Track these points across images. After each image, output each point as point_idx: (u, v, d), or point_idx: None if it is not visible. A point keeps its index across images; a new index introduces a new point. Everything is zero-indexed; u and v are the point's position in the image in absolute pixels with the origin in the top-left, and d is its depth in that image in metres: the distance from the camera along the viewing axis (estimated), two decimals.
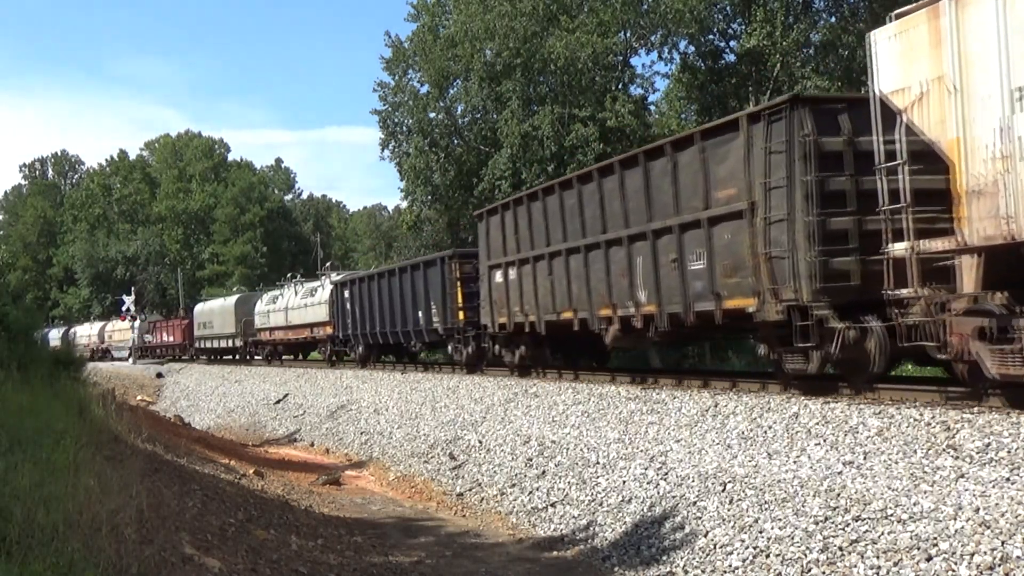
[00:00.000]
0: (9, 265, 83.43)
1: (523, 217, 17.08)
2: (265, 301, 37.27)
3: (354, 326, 27.12)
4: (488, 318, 18.56)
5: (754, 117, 11.13)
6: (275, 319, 35.35)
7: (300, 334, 32.99)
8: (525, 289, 16.86)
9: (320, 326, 30.71)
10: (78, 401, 10.87)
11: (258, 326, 37.14)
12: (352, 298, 27.32)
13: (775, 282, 10.64)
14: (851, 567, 6.91)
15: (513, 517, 11.62)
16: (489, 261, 18.45)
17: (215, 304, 44.82)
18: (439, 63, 32.98)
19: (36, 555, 4.98)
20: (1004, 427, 7.69)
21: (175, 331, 49.01)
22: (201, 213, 73.77)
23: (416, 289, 22.63)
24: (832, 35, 32.40)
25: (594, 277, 14.62)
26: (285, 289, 36.25)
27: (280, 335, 35.15)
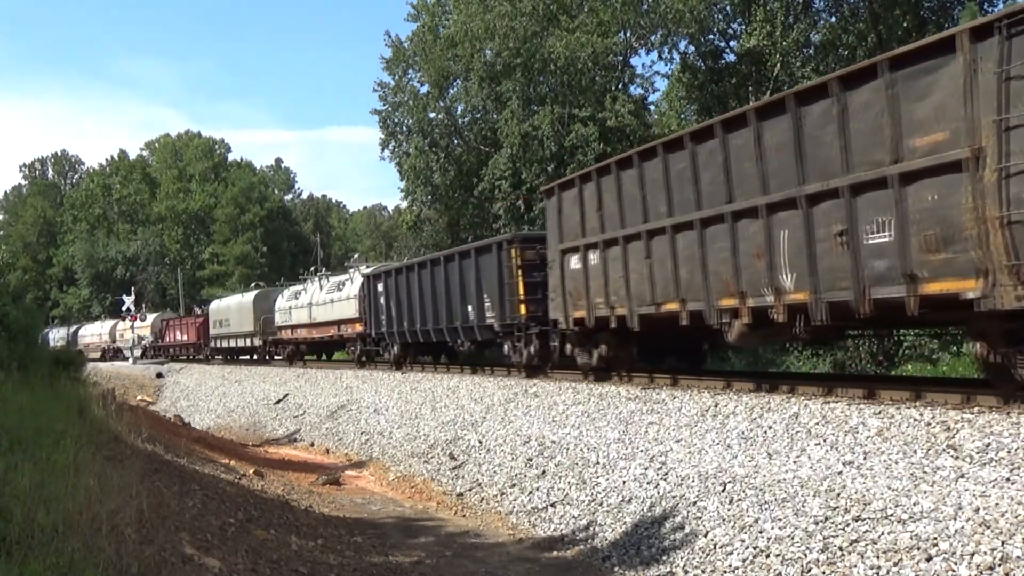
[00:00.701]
0: (9, 265, 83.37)
1: (610, 189, 14.08)
2: (287, 297, 34.33)
3: (388, 323, 24.25)
4: (560, 312, 15.76)
5: (981, 31, 8.24)
6: (298, 316, 32.44)
7: (326, 332, 30.11)
8: (612, 276, 14.04)
9: (348, 323, 27.87)
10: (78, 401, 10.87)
11: (279, 324, 34.39)
12: (387, 292, 24.44)
13: (1016, 256, 7.98)
14: (851, 567, 6.91)
15: (513, 517, 11.62)
16: (562, 244, 15.61)
17: (232, 301, 41.78)
18: (439, 63, 33.01)
19: (36, 555, 4.98)
20: (1004, 427, 7.69)
21: (189, 330, 46.38)
22: (201, 213, 73.78)
23: (465, 280, 19.79)
24: (832, 35, 32.43)
25: (713, 259, 11.76)
26: (309, 283, 33.22)
27: (303, 334, 32.27)
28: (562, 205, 15.90)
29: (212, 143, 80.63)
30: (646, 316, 13.39)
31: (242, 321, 38.24)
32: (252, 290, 40.92)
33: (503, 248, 18.08)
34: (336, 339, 29.75)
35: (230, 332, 39.81)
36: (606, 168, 14.57)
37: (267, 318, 35.40)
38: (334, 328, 29.10)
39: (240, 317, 38.56)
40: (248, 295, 39.30)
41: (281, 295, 35.21)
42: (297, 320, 32.45)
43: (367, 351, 26.97)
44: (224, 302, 42.83)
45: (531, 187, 29.60)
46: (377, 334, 25.32)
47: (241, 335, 38.46)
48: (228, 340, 40.36)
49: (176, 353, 48.62)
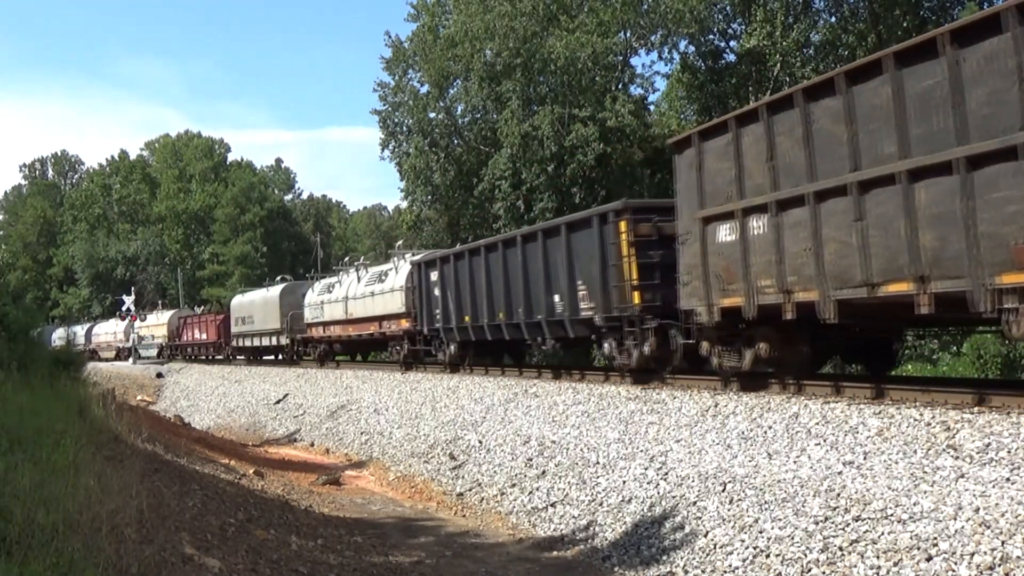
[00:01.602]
0: (9, 265, 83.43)
1: (790, 131, 10.47)
2: (318, 290, 30.75)
3: (444, 318, 20.81)
4: (698, 299, 12.14)
5: None
6: (331, 312, 28.83)
7: (364, 329, 26.38)
8: (790, 249, 10.47)
9: (393, 319, 24.35)
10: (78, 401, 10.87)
11: (308, 320, 30.85)
12: (443, 281, 20.91)
13: None
14: (851, 567, 6.91)
15: (513, 517, 11.62)
16: (704, 211, 11.98)
17: (256, 295, 37.93)
18: (439, 63, 33.02)
19: (36, 555, 4.98)
20: (1004, 427, 7.69)
21: (209, 327, 42.82)
22: (201, 213, 73.78)
23: (552, 263, 16.38)
24: (832, 35, 32.45)
25: (991, 215, 8.09)
26: (343, 275, 29.55)
27: (337, 331, 28.64)
28: (703, 160, 12.11)
29: (212, 143, 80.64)
30: (851, 302, 9.76)
31: (267, 318, 34.81)
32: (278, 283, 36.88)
33: (608, 221, 14.46)
34: (377, 338, 26.00)
35: (253, 330, 36.44)
36: (784, 102, 10.71)
37: (295, 314, 32.06)
38: (374, 325, 25.54)
39: (264, 313, 35.14)
40: (274, 289, 35.59)
41: (311, 289, 31.71)
42: (330, 316, 28.94)
43: (415, 351, 23.34)
44: (247, 297, 39.07)
45: (531, 187, 29.63)
46: (429, 331, 21.82)
47: (265, 333, 35.09)
48: (251, 339, 36.97)
49: (194, 353, 45.42)
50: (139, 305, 55.60)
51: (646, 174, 30.77)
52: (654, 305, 13.77)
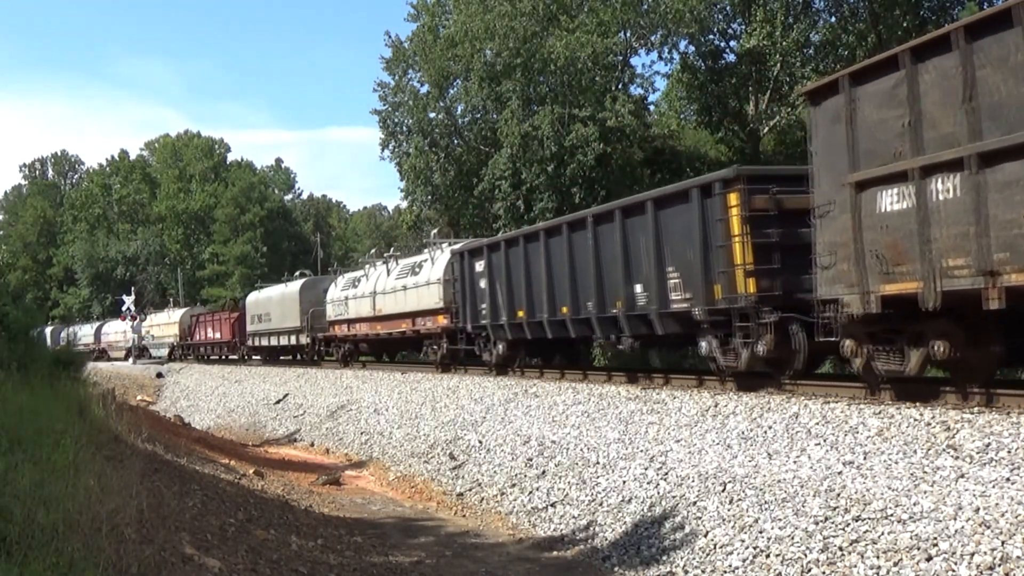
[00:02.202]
0: (9, 265, 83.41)
1: (995, 60, 8.00)
2: (341, 285, 28.53)
3: (493, 313, 18.49)
4: (846, 286, 9.80)
5: None
6: (356, 308, 26.54)
7: (395, 327, 24.07)
8: (999, 217, 7.99)
9: (428, 315, 22.07)
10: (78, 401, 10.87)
11: (331, 318, 28.55)
12: (492, 272, 18.56)
13: None
14: (851, 567, 6.91)
15: (513, 517, 11.62)
16: (856, 174, 9.61)
17: (273, 291, 35.52)
18: (439, 63, 33.03)
19: (36, 555, 4.98)
20: (1004, 427, 7.69)
21: (223, 326, 40.74)
22: (201, 213, 73.80)
23: (632, 247, 13.89)
24: (832, 35, 32.46)
25: None
26: (370, 268, 27.18)
27: (364, 329, 26.30)
28: (856, 109, 9.66)
29: (212, 143, 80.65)
30: None
31: (285, 315, 32.49)
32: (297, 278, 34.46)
33: (712, 194, 12.04)
34: (410, 336, 23.59)
35: (270, 328, 34.14)
36: (993, 21, 8.09)
37: (316, 311, 29.80)
38: (406, 322, 23.23)
39: (283, 310, 32.79)
40: (293, 284, 33.34)
41: (334, 283, 29.53)
42: (356, 313, 26.64)
43: (454, 351, 21.03)
44: (264, 293, 36.57)
45: (531, 187, 29.63)
46: (473, 329, 19.46)
47: (284, 332, 32.81)
48: (268, 338, 34.64)
49: (206, 353, 43.36)
50: (139, 305, 55.50)
51: (646, 174, 30.79)
52: (772, 295, 11.42)
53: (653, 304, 13.45)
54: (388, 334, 24.72)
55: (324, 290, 30.08)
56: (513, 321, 17.77)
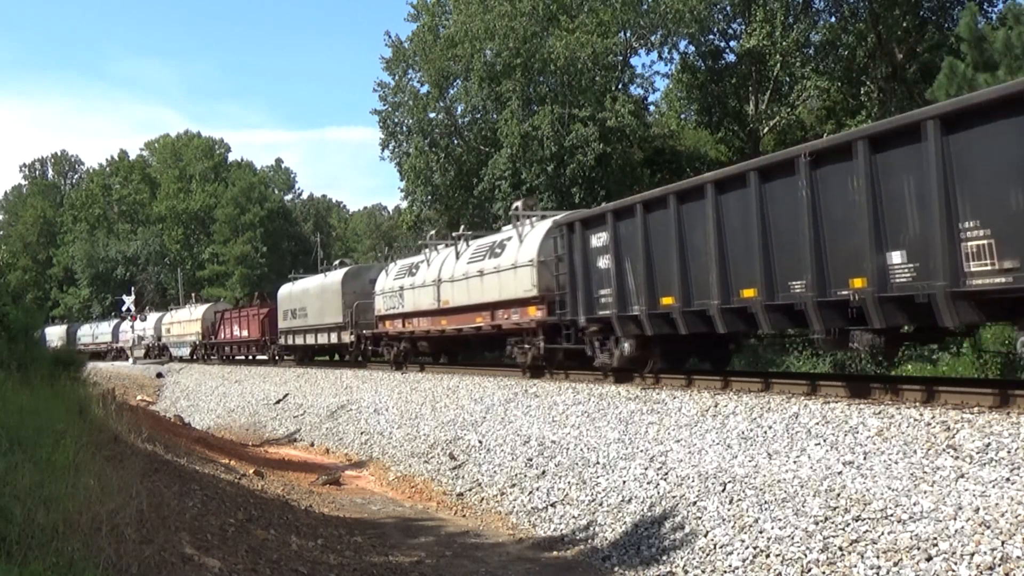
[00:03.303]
0: (9, 265, 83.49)
1: None
2: (394, 273, 24.46)
3: (620, 300, 14.02)
4: None
5: None
6: (414, 300, 22.62)
7: (467, 322, 19.89)
8: None
9: (515, 306, 17.80)
10: (78, 401, 10.87)
11: (381, 312, 24.67)
12: (620, 245, 14.07)
13: None
14: (851, 567, 6.91)
15: (513, 517, 11.62)
16: None
17: (310, 283, 31.42)
18: (439, 63, 33.07)
19: (36, 555, 4.98)
20: (1004, 427, 7.69)
21: (250, 323, 37.10)
22: (201, 213, 73.86)
23: (886, 194, 9.30)
24: (832, 35, 32.49)
25: None
26: (430, 252, 23.05)
27: (424, 325, 22.18)
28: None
29: (212, 143, 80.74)
30: None
31: (324, 310, 28.62)
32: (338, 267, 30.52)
33: None
34: (489, 333, 19.28)
35: (306, 325, 30.44)
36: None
37: (361, 305, 26.10)
38: (483, 315, 19.10)
39: (321, 304, 28.89)
40: (334, 274, 29.18)
41: (384, 271, 25.55)
42: (413, 305, 22.70)
43: (552, 351, 16.87)
44: (299, 285, 32.50)
45: (531, 187, 29.64)
46: (589, 321, 15.03)
47: (322, 329, 29.01)
48: (303, 336, 30.89)
49: (232, 353, 39.99)
50: (139, 305, 55.44)
51: (646, 174, 30.83)
52: None
53: (930, 279, 8.83)
54: (457, 331, 20.48)
55: (371, 280, 26.22)
56: (654, 311, 13.21)
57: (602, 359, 14.95)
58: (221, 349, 40.99)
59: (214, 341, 41.48)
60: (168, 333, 47.86)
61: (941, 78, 17.73)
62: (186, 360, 44.44)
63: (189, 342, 44.67)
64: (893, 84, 30.26)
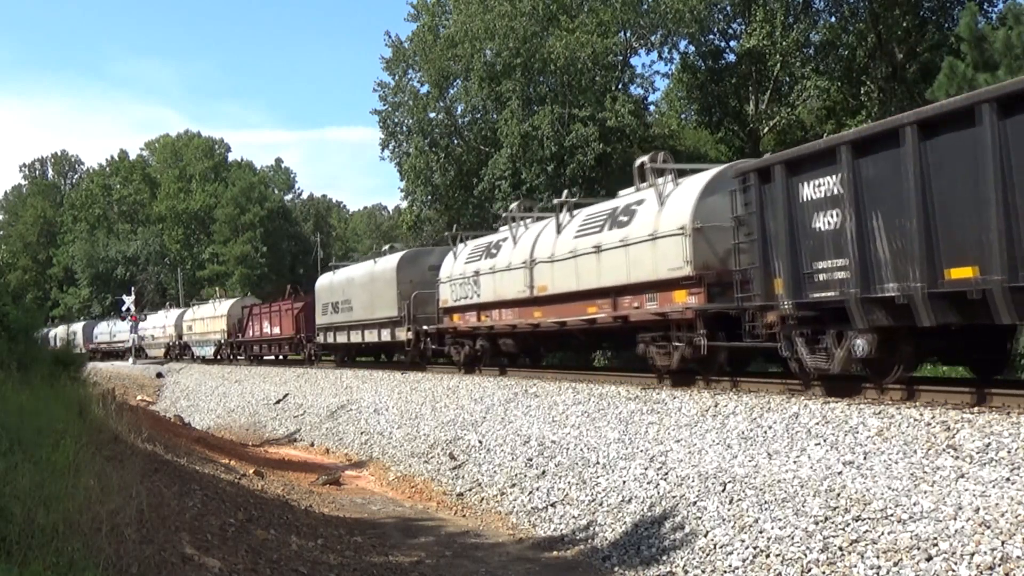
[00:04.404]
0: (9, 265, 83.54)
1: None
2: (466, 255, 20.29)
3: (861, 276, 9.69)
4: None
5: None
6: (495, 286, 18.39)
7: (575, 312, 15.53)
8: None
9: (651, 291, 13.63)
10: (78, 401, 10.87)
11: (448, 303, 20.51)
12: (858, 194, 9.71)
13: None
14: (851, 567, 6.91)
15: (513, 517, 11.62)
16: None
17: (355, 271, 27.24)
18: (439, 63, 33.08)
19: (36, 555, 4.98)
20: (1004, 427, 7.69)
21: (282, 319, 33.37)
22: (201, 213, 73.88)
23: None
24: (832, 35, 32.49)
25: None
26: (518, 227, 18.57)
27: (509, 317, 17.92)
28: None
29: (212, 143, 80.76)
30: None
31: (374, 301, 24.46)
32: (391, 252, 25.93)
33: None
34: (613, 326, 14.82)
35: (351, 320, 26.33)
36: None
37: (420, 296, 22.22)
38: (603, 304, 14.72)
39: (371, 295, 24.75)
40: (387, 260, 24.77)
41: (452, 254, 21.23)
42: (493, 294, 18.46)
43: (715, 350, 12.66)
44: (341, 274, 28.39)
45: (531, 187, 29.64)
46: (797, 307, 10.74)
47: (372, 324, 24.74)
48: (347, 333, 26.74)
49: (261, 353, 36.44)
50: (139, 305, 55.34)
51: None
52: None
53: None
54: (558, 324, 16.12)
55: (432, 266, 22.44)
56: (936, 288, 8.77)
57: (814, 362, 10.73)
58: (249, 348, 37.33)
59: (241, 339, 37.89)
60: (190, 331, 44.53)
61: (941, 78, 17.72)
62: (209, 360, 41.31)
63: (213, 341, 41.14)
64: (893, 84, 30.25)
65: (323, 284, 29.60)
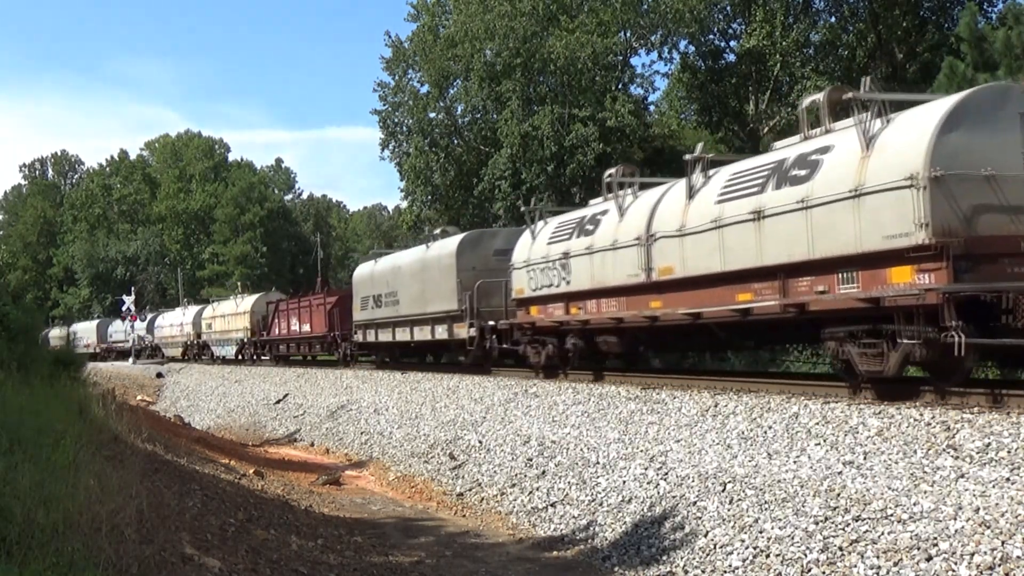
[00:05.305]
0: (9, 265, 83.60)
1: None
2: (547, 234, 16.69)
3: None
4: None
5: None
6: (590, 271, 14.90)
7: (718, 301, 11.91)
8: None
9: (846, 268, 9.98)
10: (78, 401, 10.87)
11: (524, 293, 17.15)
12: None
13: None
14: (851, 567, 6.91)
15: (513, 517, 11.61)
16: None
17: (402, 259, 23.73)
18: (439, 63, 33.10)
19: (36, 555, 4.98)
20: (1004, 427, 7.69)
21: (313, 315, 30.19)
22: (201, 213, 73.91)
23: None
24: (832, 35, 32.52)
25: None
26: (624, 195, 14.77)
27: (611, 309, 14.44)
28: None
29: (212, 143, 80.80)
30: None
31: (426, 293, 21.19)
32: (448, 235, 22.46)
33: None
34: (783, 317, 11.00)
35: (397, 316, 22.85)
36: None
37: (485, 285, 18.97)
38: (765, 289, 11.11)
39: (423, 286, 21.49)
40: (443, 244, 21.33)
41: (529, 233, 17.54)
42: (591, 280, 14.86)
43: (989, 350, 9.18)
44: (385, 263, 24.73)
45: (531, 187, 29.65)
46: None
47: (423, 320, 21.39)
48: (391, 330, 23.39)
49: (288, 352, 33.53)
50: (139, 305, 55.29)
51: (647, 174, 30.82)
52: None
53: None
54: (692, 316, 12.40)
55: (498, 251, 19.41)
56: None
57: None
58: (275, 347, 34.25)
59: (266, 338, 34.84)
60: (209, 329, 41.30)
61: (941, 78, 17.74)
62: (230, 361, 38.48)
63: (235, 339, 38.07)
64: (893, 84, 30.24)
65: (362, 274, 26.15)
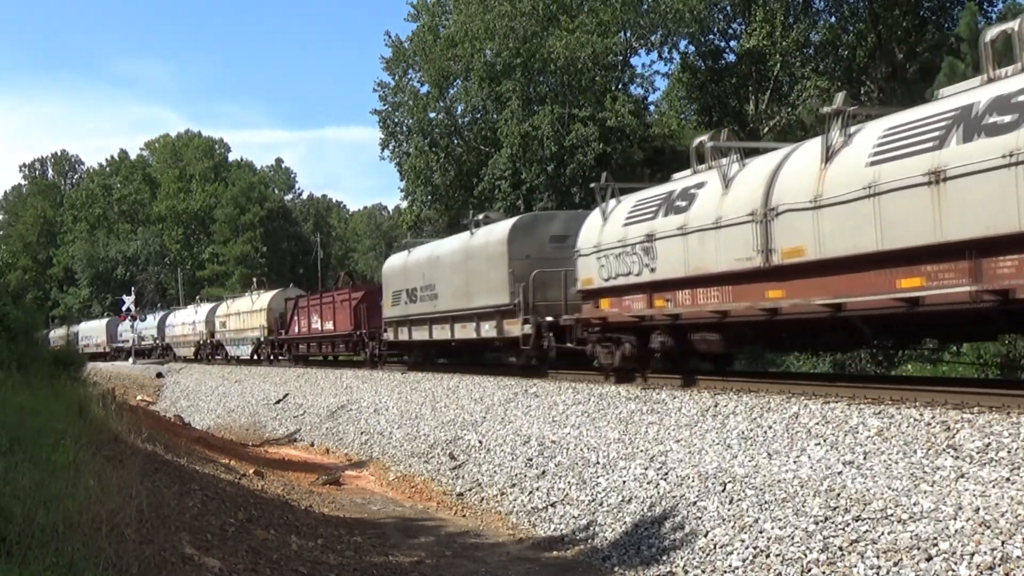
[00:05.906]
0: (9, 265, 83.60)
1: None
2: (621, 214, 14.08)
3: None
4: None
5: None
6: (683, 256, 12.28)
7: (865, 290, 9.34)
8: None
9: None
10: (78, 401, 10.87)
11: (592, 284, 14.67)
12: None
13: None
14: (851, 567, 6.91)
15: (513, 517, 11.61)
16: None
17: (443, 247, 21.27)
18: (439, 63, 33.10)
19: (36, 555, 4.98)
20: (1004, 427, 7.69)
21: (336, 312, 27.83)
22: (201, 213, 73.93)
23: None
24: (832, 35, 32.53)
25: None
26: (728, 163, 11.88)
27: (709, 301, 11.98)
28: None
29: (212, 143, 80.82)
30: None
31: (472, 286, 18.88)
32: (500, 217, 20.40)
33: None
34: (973, 308, 8.28)
35: (435, 311, 20.58)
36: None
37: (541, 276, 16.67)
38: (944, 271, 8.47)
39: (467, 278, 19.13)
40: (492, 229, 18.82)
41: (600, 212, 14.80)
42: (681, 266, 12.40)
43: None
44: (420, 252, 22.41)
45: (531, 187, 29.66)
46: None
47: (467, 315, 19.09)
48: (428, 327, 21.13)
49: (308, 351, 31.49)
50: (139, 305, 55.26)
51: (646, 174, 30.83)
52: None
53: None
54: (831, 308, 9.97)
55: (555, 236, 17.14)
56: None
57: None
58: (294, 347, 32.20)
59: (285, 337, 32.80)
60: (223, 328, 39.05)
61: (941, 78, 17.74)
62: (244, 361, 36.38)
63: (251, 339, 35.95)
64: (893, 84, 30.26)
65: (393, 266, 23.69)
